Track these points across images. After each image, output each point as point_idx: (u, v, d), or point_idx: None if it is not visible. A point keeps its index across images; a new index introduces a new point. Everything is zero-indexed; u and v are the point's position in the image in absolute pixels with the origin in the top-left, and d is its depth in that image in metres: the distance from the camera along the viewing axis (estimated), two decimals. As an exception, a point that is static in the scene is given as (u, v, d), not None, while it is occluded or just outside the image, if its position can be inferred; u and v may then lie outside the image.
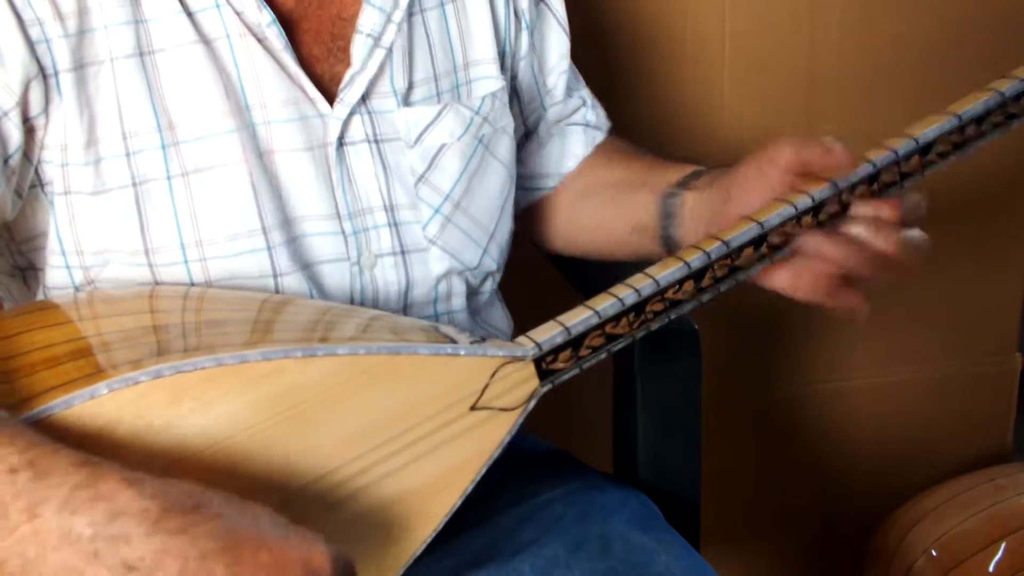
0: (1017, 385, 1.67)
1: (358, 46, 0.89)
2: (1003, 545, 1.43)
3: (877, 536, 1.55)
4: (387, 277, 0.92)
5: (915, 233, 0.86)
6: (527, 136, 1.10)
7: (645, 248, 1.01)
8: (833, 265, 0.85)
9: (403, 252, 0.92)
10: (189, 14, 0.84)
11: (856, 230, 0.86)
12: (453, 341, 0.79)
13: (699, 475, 1.07)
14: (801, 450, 1.64)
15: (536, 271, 1.20)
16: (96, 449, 0.65)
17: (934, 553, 1.45)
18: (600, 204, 1.07)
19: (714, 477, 1.16)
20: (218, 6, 0.85)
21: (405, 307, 0.94)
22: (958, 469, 1.62)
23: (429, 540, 0.78)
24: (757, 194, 0.88)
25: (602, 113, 1.13)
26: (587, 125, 1.11)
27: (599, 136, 1.11)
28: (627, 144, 1.12)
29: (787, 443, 1.63)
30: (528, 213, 1.13)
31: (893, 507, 1.56)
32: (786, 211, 0.85)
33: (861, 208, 0.86)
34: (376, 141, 0.91)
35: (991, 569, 1.42)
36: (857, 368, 1.61)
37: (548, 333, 0.80)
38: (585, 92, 1.13)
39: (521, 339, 0.80)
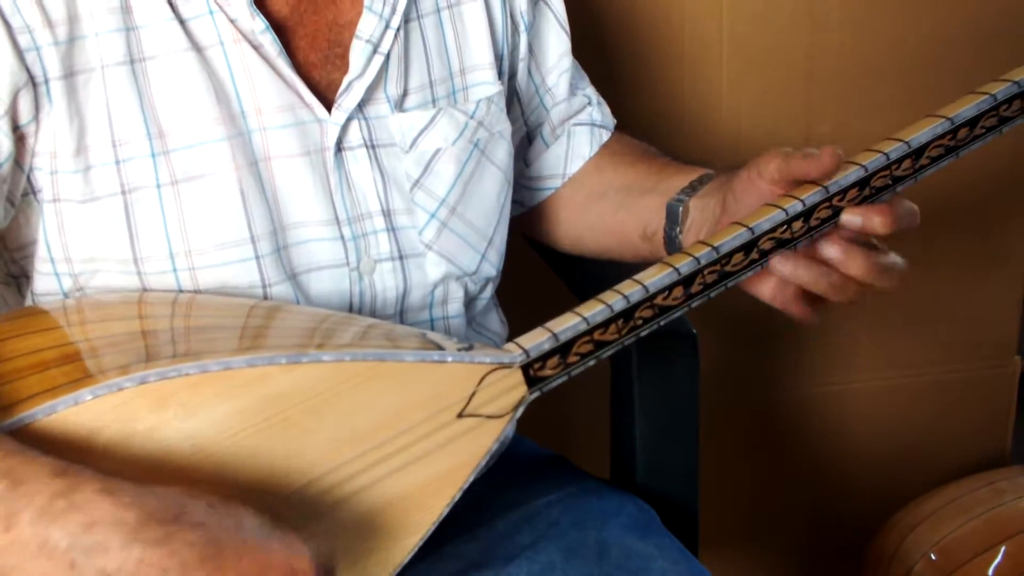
0: (1016, 389, 1.67)
1: (357, 52, 0.89)
2: (1002, 549, 1.43)
3: (876, 540, 1.55)
4: (385, 282, 0.91)
5: (891, 259, 0.86)
6: (531, 138, 1.10)
7: (655, 253, 1.01)
8: (800, 285, 0.86)
9: (401, 257, 0.92)
10: (181, 21, 0.84)
11: (830, 252, 0.85)
12: (440, 348, 0.78)
13: (697, 480, 1.07)
14: (800, 454, 1.63)
15: (532, 276, 1.20)
16: (80, 455, 0.65)
17: (933, 557, 1.45)
18: (609, 207, 1.06)
19: (712, 482, 1.16)
20: (211, 13, 0.84)
21: (401, 312, 0.93)
22: (957, 473, 1.62)
23: (416, 548, 0.77)
24: (748, 205, 0.88)
25: (607, 110, 1.12)
26: (593, 124, 1.10)
27: (605, 135, 1.11)
28: (635, 142, 1.11)
29: (786, 447, 1.63)
30: (535, 212, 1.13)
31: (892, 511, 1.56)
32: (777, 216, 0.85)
33: (850, 217, 0.85)
34: (373, 146, 0.90)
35: (990, 573, 1.42)
36: (856, 371, 1.61)
37: (536, 339, 0.80)
38: (590, 90, 1.12)
39: (509, 345, 0.80)
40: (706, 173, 0.99)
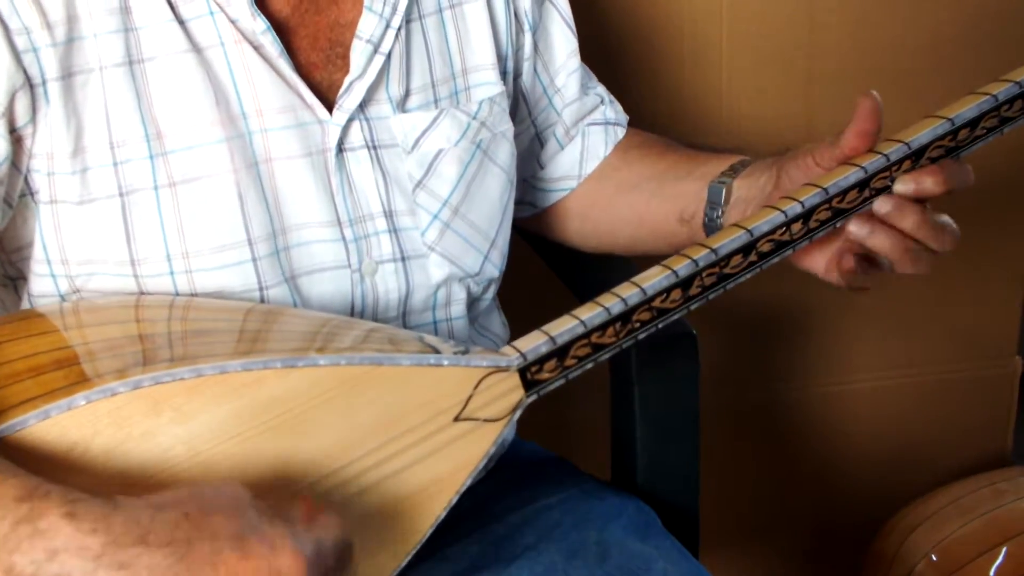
0: (1017, 389, 1.67)
1: (357, 52, 0.89)
2: (1004, 550, 1.43)
3: (876, 541, 1.55)
4: (387, 284, 0.91)
5: (944, 218, 0.87)
6: (542, 139, 1.10)
7: (692, 238, 1.00)
8: (868, 248, 0.87)
9: (403, 258, 0.92)
10: (181, 22, 0.83)
11: (884, 207, 0.85)
12: (437, 351, 0.78)
13: (697, 481, 1.07)
14: (800, 454, 1.63)
15: (533, 278, 1.20)
16: (74, 460, 0.65)
17: (934, 558, 1.45)
18: (643, 197, 1.06)
19: (713, 482, 1.16)
20: (211, 14, 0.84)
21: (404, 314, 0.93)
22: (958, 473, 1.62)
23: (414, 552, 0.77)
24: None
25: (619, 108, 1.12)
26: (607, 123, 1.10)
27: (620, 132, 1.11)
28: (655, 136, 1.11)
29: (786, 447, 1.63)
30: (552, 213, 1.13)
31: (893, 511, 1.56)
32: (776, 218, 0.85)
33: (904, 186, 0.86)
34: (374, 147, 0.90)
35: (992, 574, 1.42)
36: (857, 371, 1.61)
37: (533, 343, 0.79)
38: (600, 89, 1.12)
39: (506, 349, 0.80)
40: (745, 158, 1.00)
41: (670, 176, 1.04)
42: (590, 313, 0.81)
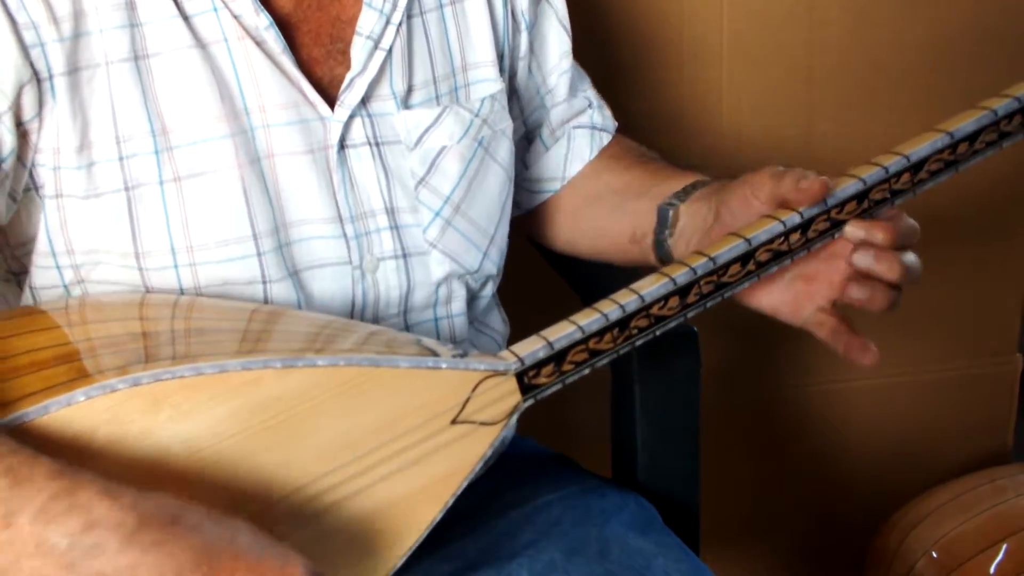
0: (1018, 386, 1.67)
1: (357, 48, 0.89)
2: (1004, 546, 1.43)
3: (877, 538, 1.55)
4: (388, 281, 0.91)
5: (911, 257, 0.87)
6: (530, 139, 1.10)
7: (643, 256, 1.01)
8: (841, 292, 0.88)
9: (404, 255, 0.92)
10: (185, 18, 0.84)
11: (855, 233, 0.86)
12: (435, 354, 0.78)
13: (698, 478, 1.07)
14: (801, 452, 1.63)
15: (534, 276, 1.20)
16: (72, 456, 0.65)
17: (935, 555, 1.45)
18: (604, 210, 1.06)
19: (713, 480, 1.16)
20: (215, 9, 0.84)
21: (405, 311, 0.93)
22: (958, 470, 1.62)
23: (408, 554, 0.77)
24: (744, 219, 0.89)
25: (608, 113, 1.12)
26: (594, 128, 1.10)
27: (606, 138, 1.10)
28: (634, 146, 1.11)
29: (787, 445, 1.63)
30: (533, 214, 1.13)
31: (893, 509, 1.56)
32: (774, 228, 0.85)
33: (854, 230, 0.86)
34: (377, 144, 0.90)
35: (992, 571, 1.42)
36: (857, 369, 1.59)
37: (531, 347, 0.80)
38: (591, 92, 1.12)
39: (503, 353, 0.80)
40: (699, 180, 0.99)
41: (630, 193, 1.04)
42: (588, 319, 0.81)
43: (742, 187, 0.90)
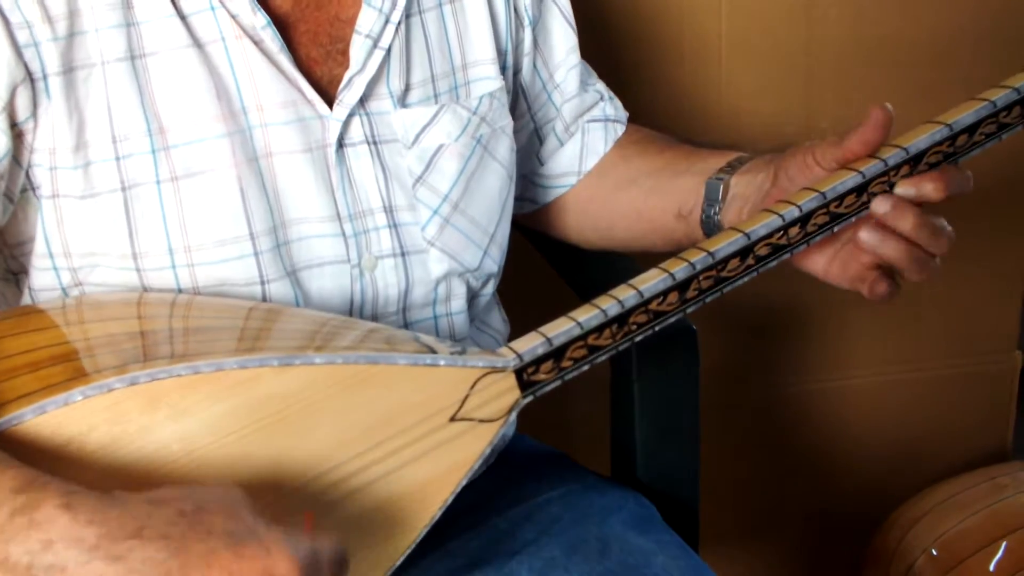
0: (1017, 383, 1.67)
1: (356, 47, 0.89)
2: (1003, 544, 1.43)
3: (877, 536, 1.55)
4: (387, 279, 0.91)
5: (941, 221, 0.87)
6: (541, 136, 1.10)
7: (689, 234, 1.01)
8: (876, 256, 0.87)
9: (403, 254, 0.92)
10: (182, 17, 0.83)
11: (882, 207, 0.85)
12: (433, 351, 0.78)
13: (697, 476, 1.07)
14: (800, 450, 1.63)
15: (534, 275, 1.20)
16: (70, 456, 0.65)
17: (934, 552, 1.45)
18: (641, 193, 1.06)
19: (712, 477, 1.16)
20: (212, 9, 0.84)
21: (404, 309, 0.93)
22: (958, 468, 1.62)
23: (408, 551, 0.77)
24: (800, 184, 0.88)
25: (619, 104, 1.13)
26: (607, 120, 1.10)
27: (620, 129, 1.11)
28: (654, 132, 1.11)
29: (786, 443, 1.63)
30: (551, 209, 1.13)
31: (893, 506, 1.56)
32: (773, 222, 0.85)
33: (904, 190, 0.86)
34: (375, 143, 0.90)
35: (992, 568, 1.42)
36: (856, 367, 1.61)
37: (529, 344, 0.79)
38: (600, 85, 1.12)
39: (502, 350, 0.80)
40: (742, 155, 0.99)
41: (668, 172, 1.04)
42: (587, 315, 0.81)
43: (803, 153, 0.90)
